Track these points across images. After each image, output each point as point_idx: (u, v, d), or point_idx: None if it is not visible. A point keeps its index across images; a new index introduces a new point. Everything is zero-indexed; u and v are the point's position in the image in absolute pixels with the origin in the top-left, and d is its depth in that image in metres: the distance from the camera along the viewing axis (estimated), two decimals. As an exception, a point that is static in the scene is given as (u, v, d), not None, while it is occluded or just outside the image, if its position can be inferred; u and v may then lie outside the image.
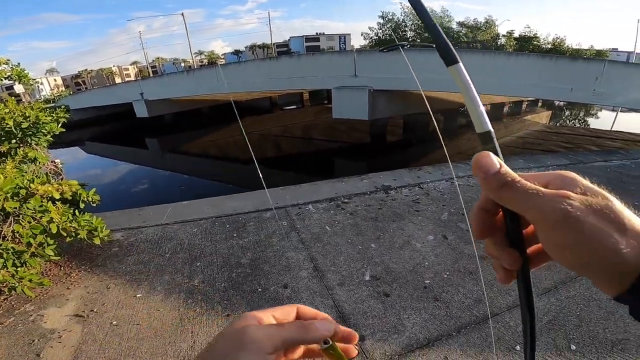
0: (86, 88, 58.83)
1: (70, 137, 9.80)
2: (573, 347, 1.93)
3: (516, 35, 30.90)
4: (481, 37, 28.70)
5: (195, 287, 2.57)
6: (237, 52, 68.44)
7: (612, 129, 14.90)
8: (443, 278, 2.56)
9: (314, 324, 0.32)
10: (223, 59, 72.06)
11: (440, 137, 1.47)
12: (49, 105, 7.16)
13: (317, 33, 66.14)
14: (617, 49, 46.15)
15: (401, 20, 30.68)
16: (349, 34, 63.61)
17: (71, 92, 23.16)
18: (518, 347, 1.93)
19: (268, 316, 0.32)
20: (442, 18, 30.08)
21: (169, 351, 1.97)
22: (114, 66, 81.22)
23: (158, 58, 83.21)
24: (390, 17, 30.98)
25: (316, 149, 12.27)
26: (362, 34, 33.73)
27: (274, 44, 52.13)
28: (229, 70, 15.04)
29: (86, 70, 76.43)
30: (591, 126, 17.02)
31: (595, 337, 1.98)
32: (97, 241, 2.98)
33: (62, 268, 2.94)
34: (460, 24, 30.35)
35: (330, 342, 0.33)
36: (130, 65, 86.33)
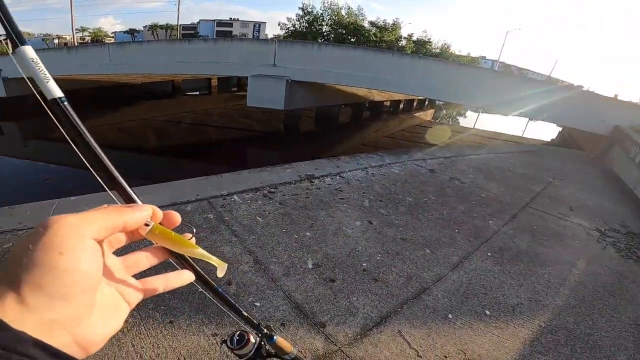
0: None
1: None
2: (487, 312, 2.27)
3: (415, 38, 34.70)
4: (387, 38, 31.26)
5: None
6: (132, 32, 59.74)
7: (474, 127, 18.30)
8: (377, 260, 2.75)
9: (129, 207, 0.32)
10: (112, 37, 62.05)
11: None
12: None
13: (230, 18, 62.38)
14: (485, 56, 55.64)
15: (320, 14, 31.23)
16: (265, 22, 61.81)
17: None
18: (450, 315, 2.21)
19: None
20: (357, 16, 31.69)
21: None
22: (-51, 40, 61.78)
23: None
24: (310, 10, 31.25)
25: (229, 137, 11.70)
26: (279, 24, 33.32)
27: (180, 25, 47.12)
28: (126, 50, 13.09)
29: None
30: (460, 124, 20.21)
31: (499, 302, 2.37)
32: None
33: None
34: (372, 23, 32.20)
35: (152, 224, 0.33)
36: (-22, 40, 67.27)
